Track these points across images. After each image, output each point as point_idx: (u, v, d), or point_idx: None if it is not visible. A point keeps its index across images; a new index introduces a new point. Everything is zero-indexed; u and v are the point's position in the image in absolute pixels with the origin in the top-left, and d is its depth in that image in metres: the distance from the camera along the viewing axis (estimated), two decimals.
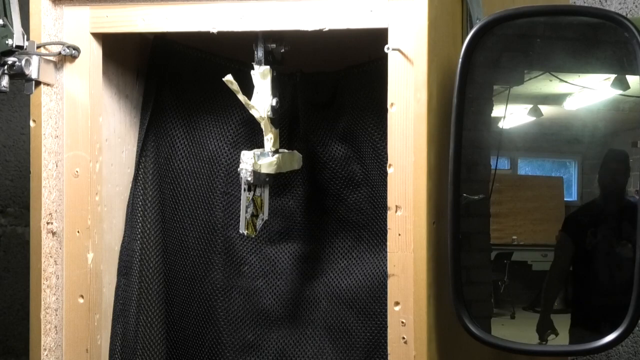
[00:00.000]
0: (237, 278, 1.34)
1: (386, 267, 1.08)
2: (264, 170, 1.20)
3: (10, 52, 1.15)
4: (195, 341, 1.35)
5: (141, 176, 1.36)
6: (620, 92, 1.15)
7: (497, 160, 1.22)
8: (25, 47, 1.16)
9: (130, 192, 1.35)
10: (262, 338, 1.34)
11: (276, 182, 1.25)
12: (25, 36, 1.16)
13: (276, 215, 1.33)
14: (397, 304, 1.07)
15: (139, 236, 1.35)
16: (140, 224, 1.35)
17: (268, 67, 1.19)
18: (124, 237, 1.34)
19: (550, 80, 1.20)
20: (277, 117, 1.22)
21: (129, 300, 1.33)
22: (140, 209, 1.35)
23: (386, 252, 1.08)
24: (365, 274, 1.30)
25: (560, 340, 1.18)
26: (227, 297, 1.34)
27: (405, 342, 1.06)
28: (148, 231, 1.36)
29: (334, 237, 1.34)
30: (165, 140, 1.36)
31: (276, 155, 1.21)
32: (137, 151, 1.36)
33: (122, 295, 1.32)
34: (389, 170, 1.07)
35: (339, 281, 1.32)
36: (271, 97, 1.20)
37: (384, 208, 1.10)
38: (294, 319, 1.34)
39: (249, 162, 1.19)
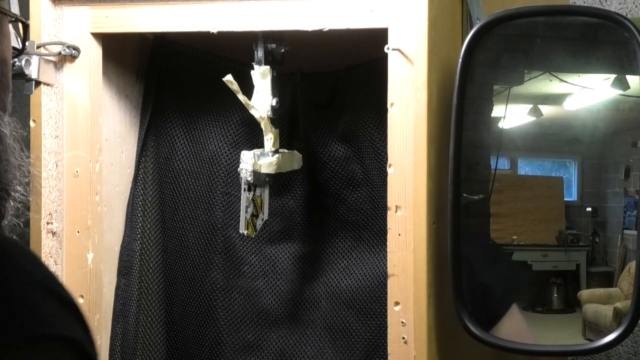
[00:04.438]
0: (237, 278, 1.34)
1: (386, 267, 1.08)
2: (264, 170, 1.20)
3: None
4: (196, 341, 1.34)
5: (141, 176, 1.36)
6: (620, 92, 1.15)
7: (497, 160, 1.22)
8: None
9: (130, 192, 1.35)
10: (262, 338, 1.34)
11: (276, 182, 1.25)
12: None
13: (276, 215, 1.33)
14: (397, 304, 1.07)
15: (139, 236, 1.35)
16: (140, 224, 1.35)
17: (268, 67, 1.19)
18: (124, 237, 1.34)
19: (550, 80, 1.20)
20: (277, 117, 1.22)
21: (129, 300, 1.33)
22: (140, 209, 1.35)
23: (386, 252, 1.08)
24: (365, 274, 1.29)
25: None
26: (227, 297, 1.34)
27: (405, 342, 1.06)
28: (148, 231, 1.36)
29: (334, 237, 1.34)
30: (165, 140, 1.36)
31: (276, 155, 1.21)
32: (137, 151, 1.36)
33: (122, 295, 1.32)
34: (389, 170, 1.07)
35: (339, 281, 1.32)
36: (271, 97, 1.20)
37: (384, 208, 1.10)
38: (294, 319, 1.34)
39: (249, 162, 1.19)
